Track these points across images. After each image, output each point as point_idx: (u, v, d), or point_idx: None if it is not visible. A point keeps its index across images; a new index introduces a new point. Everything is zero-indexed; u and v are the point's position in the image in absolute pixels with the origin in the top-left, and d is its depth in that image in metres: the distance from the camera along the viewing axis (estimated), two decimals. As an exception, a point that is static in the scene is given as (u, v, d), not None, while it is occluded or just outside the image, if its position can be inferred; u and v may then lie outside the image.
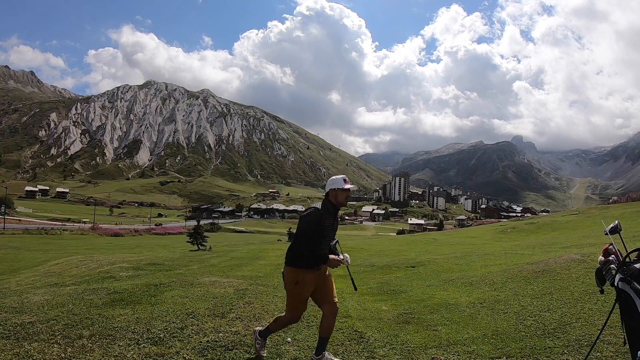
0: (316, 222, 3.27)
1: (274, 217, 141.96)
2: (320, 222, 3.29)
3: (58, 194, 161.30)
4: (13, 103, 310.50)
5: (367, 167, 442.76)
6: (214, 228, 72.61)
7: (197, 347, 3.57)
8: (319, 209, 3.35)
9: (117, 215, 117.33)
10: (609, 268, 2.61)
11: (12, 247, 26.28)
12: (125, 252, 21.41)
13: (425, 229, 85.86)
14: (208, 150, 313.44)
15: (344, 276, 8.10)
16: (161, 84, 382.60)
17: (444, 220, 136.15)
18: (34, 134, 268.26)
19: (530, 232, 22.45)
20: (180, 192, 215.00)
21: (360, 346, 3.67)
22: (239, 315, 4.52)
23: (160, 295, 5.44)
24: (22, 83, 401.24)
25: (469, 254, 10.50)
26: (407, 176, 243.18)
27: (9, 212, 68.55)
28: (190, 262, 10.93)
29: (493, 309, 4.68)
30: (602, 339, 3.32)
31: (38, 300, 5.07)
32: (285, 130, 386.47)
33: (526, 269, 6.53)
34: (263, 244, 29.58)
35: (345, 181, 3.42)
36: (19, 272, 12.00)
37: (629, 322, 2.44)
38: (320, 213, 3.32)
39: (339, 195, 3.40)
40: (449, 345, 3.63)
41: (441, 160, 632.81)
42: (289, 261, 3.38)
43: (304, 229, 3.27)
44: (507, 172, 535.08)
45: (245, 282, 6.61)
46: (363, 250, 15.23)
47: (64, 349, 3.43)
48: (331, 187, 3.41)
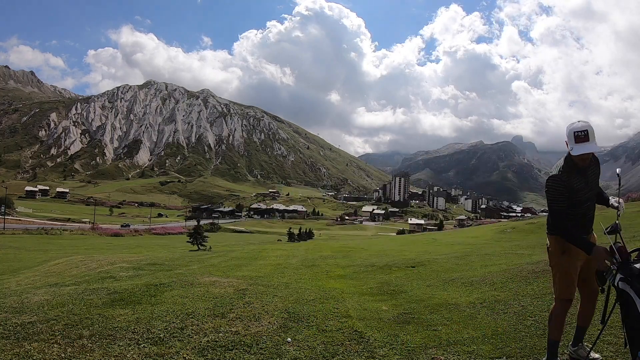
0: (563, 189, 2.78)
1: (274, 217, 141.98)
2: (565, 188, 2.78)
3: (58, 194, 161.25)
4: (13, 103, 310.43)
5: (367, 167, 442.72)
6: (213, 228, 72.61)
7: (197, 347, 3.56)
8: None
9: (117, 215, 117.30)
10: (609, 268, 2.61)
11: (12, 247, 26.27)
12: (125, 252, 21.42)
13: (425, 229, 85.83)
14: (208, 150, 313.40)
15: (344, 276, 8.11)
16: (161, 84, 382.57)
17: (444, 220, 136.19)
18: (34, 134, 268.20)
19: (530, 232, 22.40)
20: (180, 192, 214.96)
21: (360, 346, 3.66)
22: (239, 315, 4.51)
23: (160, 295, 5.44)
24: (22, 83, 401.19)
25: (469, 254, 10.50)
26: (407, 176, 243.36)
27: (9, 212, 68.46)
28: (190, 262, 10.94)
29: (493, 309, 4.68)
30: (602, 339, 3.32)
31: (38, 300, 5.07)
32: (285, 130, 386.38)
33: (526, 269, 6.53)
34: (263, 244, 29.60)
35: (577, 138, 2.70)
36: (19, 272, 12.00)
37: (629, 322, 2.44)
38: (561, 177, 2.80)
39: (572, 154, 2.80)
40: (449, 345, 3.62)
41: (441, 160, 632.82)
42: (551, 228, 2.90)
43: (549, 201, 2.81)
44: (507, 172, 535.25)
45: (245, 282, 6.61)
46: (363, 250, 15.23)
47: (64, 349, 3.42)
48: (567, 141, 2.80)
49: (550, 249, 2.98)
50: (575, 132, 2.72)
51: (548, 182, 2.88)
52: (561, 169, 2.86)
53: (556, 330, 2.93)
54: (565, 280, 2.90)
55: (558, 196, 2.81)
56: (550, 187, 2.84)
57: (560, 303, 2.94)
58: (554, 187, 2.82)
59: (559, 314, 2.93)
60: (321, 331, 4.06)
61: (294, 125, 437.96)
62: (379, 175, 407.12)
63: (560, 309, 2.94)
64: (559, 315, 2.93)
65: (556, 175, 2.85)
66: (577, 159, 2.78)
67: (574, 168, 2.83)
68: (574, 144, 2.72)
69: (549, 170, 3.07)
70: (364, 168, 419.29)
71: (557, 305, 2.96)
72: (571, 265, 2.86)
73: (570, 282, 2.90)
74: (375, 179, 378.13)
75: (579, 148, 2.72)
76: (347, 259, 11.32)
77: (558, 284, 2.95)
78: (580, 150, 2.71)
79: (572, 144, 2.74)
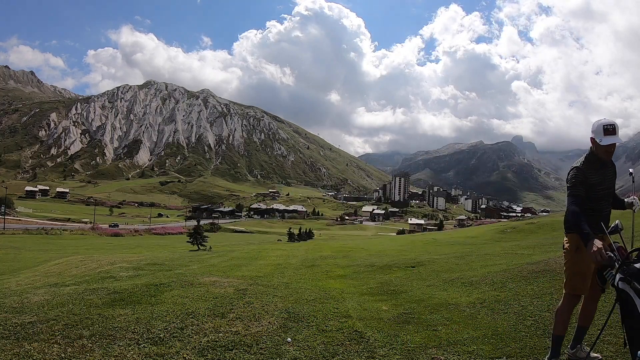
0: (579, 179, 2.95)
1: (274, 217, 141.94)
2: (584, 178, 2.95)
3: (58, 194, 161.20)
4: (13, 103, 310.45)
5: (367, 167, 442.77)
6: (214, 228, 72.59)
7: (197, 347, 3.57)
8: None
9: (117, 215, 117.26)
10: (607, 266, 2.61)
11: (12, 247, 26.28)
12: (125, 252, 21.42)
13: (426, 229, 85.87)
14: (208, 150, 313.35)
15: (344, 276, 8.11)
16: (161, 84, 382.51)
17: (444, 220, 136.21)
18: (34, 134, 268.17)
19: (530, 232, 22.43)
20: (180, 192, 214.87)
21: (360, 346, 3.66)
22: (239, 315, 4.52)
23: (160, 295, 5.44)
24: (22, 83, 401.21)
25: (469, 254, 10.51)
26: (407, 176, 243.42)
27: (9, 212, 68.48)
28: (190, 262, 10.94)
29: (493, 309, 4.68)
30: (602, 339, 3.32)
31: (38, 300, 5.07)
32: (285, 130, 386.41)
33: (526, 269, 6.53)
34: (263, 244, 29.58)
35: (606, 131, 2.91)
36: (19, 272, 12.00)
37: (629, 321, 2.44)
38: (582, 169, 2.99)
39: (598, 148, 2.98)
40: (449, 345, 3.62)
41: (441, 160, 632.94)
42: (567, 227, 3.05)
43: (568, 189, 2.98)
44: (507, 172, 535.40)
45: (245, 282, 6.61)
46: (363, 250, 15.23)
47: (64, 349, 3.42)
48: (593, 136, 2.98)
49: (566, 246, 3.11)
50: (605, 125, 2.93)
51: (570, 172, 3.08)
52: (583, 163, 3.06)
53: (561, 325, 3.04)
54: (575, 277, 3.00)
55: (577, 184, 2.98)
56: (572, 176, 3.02)
57: (568, 299, 3.05)
58: (575, 175, 3.01)
59: (565, 310, 3.04)
60: (321, 331, 4.06)
61: (294, 125, 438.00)
62: (379, 175, 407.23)
63: (567, 305, 3.05)
64: (565, 312, 3.04)
65: (578, 167, 3.05)
66: (603, 151, 2.98)
67: (596, 163, 3.04)
68: (603, 136, 2.93)
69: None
70: (364, 168, 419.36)
71: (565, 301, 3.06)
72: (583, 262, 2.94)
73: (580, 279, 2.99)
74: (375, 179, 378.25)
75: (608, 139, 2.91)
76: (347, 259, 11.32)
77: (569, 279, 3.05)
78: (609, 140, 2.91)
79: (600, 137, 2.94)
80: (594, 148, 3.03)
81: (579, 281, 3.00)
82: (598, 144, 2.95)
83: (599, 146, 2.97)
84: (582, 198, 2.94)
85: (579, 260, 2.97)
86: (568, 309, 3.05)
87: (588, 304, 3.10)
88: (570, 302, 3.05)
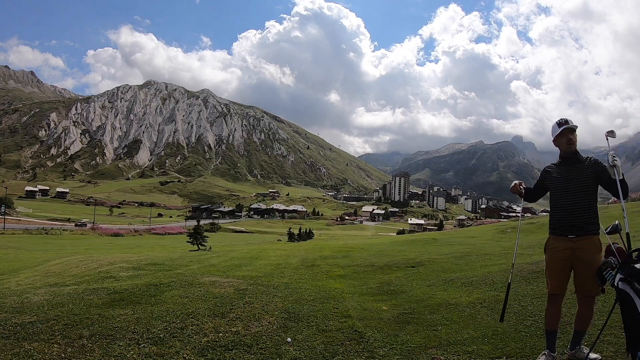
0: (540, 176, 3.31)
1: (274, 217, 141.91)
2: (544, 174, 3.30)
3: (58, 194, 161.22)
4: (13, 103, 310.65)
5: (367, 167, 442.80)
6: (213, 228, 72.57)
7: (197, 347, 3.57)
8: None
9: (117, 215, 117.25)
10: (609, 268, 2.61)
11: (12, 247, 26.28)
12: (125, 252, 21.41)
13: (425, 229, 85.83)
14: (208, 150, 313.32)
15: (344, 276, 8.10)
16: (161, 84, 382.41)
17: (444, 220, 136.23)
18: (34, 134, 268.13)
19: (530, 232, 22.38)
20: (180, 192, 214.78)
21: (360, 346, 3.66)
22: (239, 315, 4.52)
23: (160, 295, 5.44)
24: (22, 83, 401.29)
25: (469, 254, 10.49)
26: (407, 176, 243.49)
27: (9, 212, 68.51)
28: (190, 262, 10.92)
29: (493, 309, 4.68)
30: (602, 339, 3.32)
31: (38, 300, 5.07)
32: (285, 130, 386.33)
33: (526, 269, 6.53)
34: (263, 244, 29.58)
35: (559, 124, 3.15)
36: (19, 272, 11.98)
37: (629, 322, 2.44)
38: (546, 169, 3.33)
39: (558, 140, 3.20)
40: (449, 345, 3.62)
41: (441, 161, 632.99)
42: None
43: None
44: (506, 172, 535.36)
45: (245, 282, 6.61)
46: (363, 250, 15.20)
47: (64, 349, 3.42)
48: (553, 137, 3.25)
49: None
50: (557, 121, 3.19)
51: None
52: (553, 163, 3.34)
53: (548, 320, 3.21)
54: (547, 275, 3.23)
55: (537, 181, 3.40)
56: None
57: (548, 297, 3.26)
58: (540, 174, 3.42)
59: (548, 307, 3.25)
60: (321, 331, 4.06)
61: (293, 125, 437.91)
62: (379, 175, 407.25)
63: (548, 302, 3.24)
64: (547, 309, 3.24)
65: (546, 166, 3.40)
66: (562, 142, 3.16)
67: (562, 162, 3.23)
68: (557, 129, 3.15)
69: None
70: (363, 168, 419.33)
71: (548, 299, 3.28)
72: (550, 260, 3.18)
73: (548, 277, 3.21)
74: (375, 179, 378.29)
75: (559, 129, 3.14)
76: (347, 259, 11.30)
77: (546, 278, 3.29)
78: (561, 128, 3.13)
79: (556, 131, 3.16)
80: (557, 145, 3.23)
81: (548, 279, 3.22)
82: (556, 138, 3.18)
83: (557, 140, 3.18)
84: (536, 187, 3.37)
85: (547, 259, 3.22)
86: (549, 306, 3.21)
87: (582, 310, 3.14)
88: (549, 299, 3.23)
